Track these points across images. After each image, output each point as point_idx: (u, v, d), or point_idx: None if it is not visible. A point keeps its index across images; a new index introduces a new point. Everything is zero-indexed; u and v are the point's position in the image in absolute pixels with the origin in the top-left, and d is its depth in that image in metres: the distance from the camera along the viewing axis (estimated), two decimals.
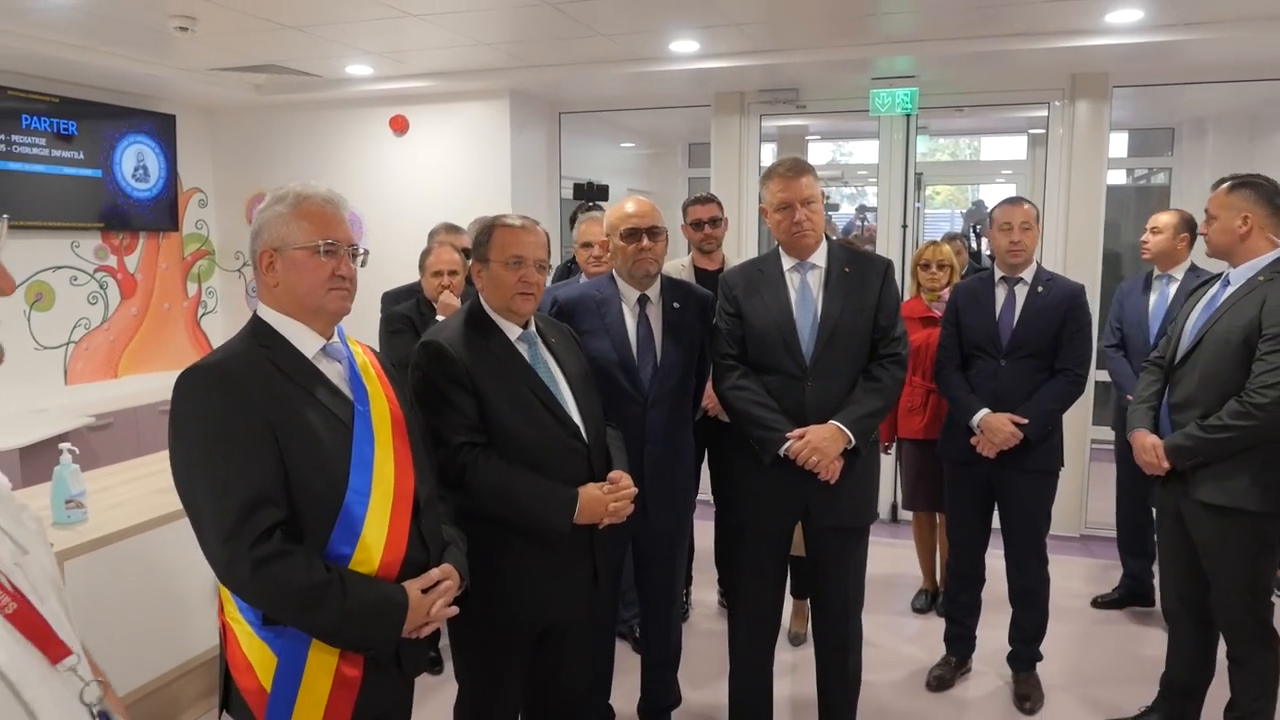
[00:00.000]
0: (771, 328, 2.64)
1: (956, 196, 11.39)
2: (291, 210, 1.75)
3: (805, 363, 2.61)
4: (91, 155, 5.31)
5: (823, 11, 4.06)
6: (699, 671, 3.56)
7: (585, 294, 2.81)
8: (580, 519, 2.20)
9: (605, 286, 2.81)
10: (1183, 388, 2.73)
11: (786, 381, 2.62)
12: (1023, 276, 3.24)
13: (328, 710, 1.68)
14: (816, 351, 2.61)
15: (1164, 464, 2.72)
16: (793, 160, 2.68)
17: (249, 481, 1.59)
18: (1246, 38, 4.21)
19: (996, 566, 3.46)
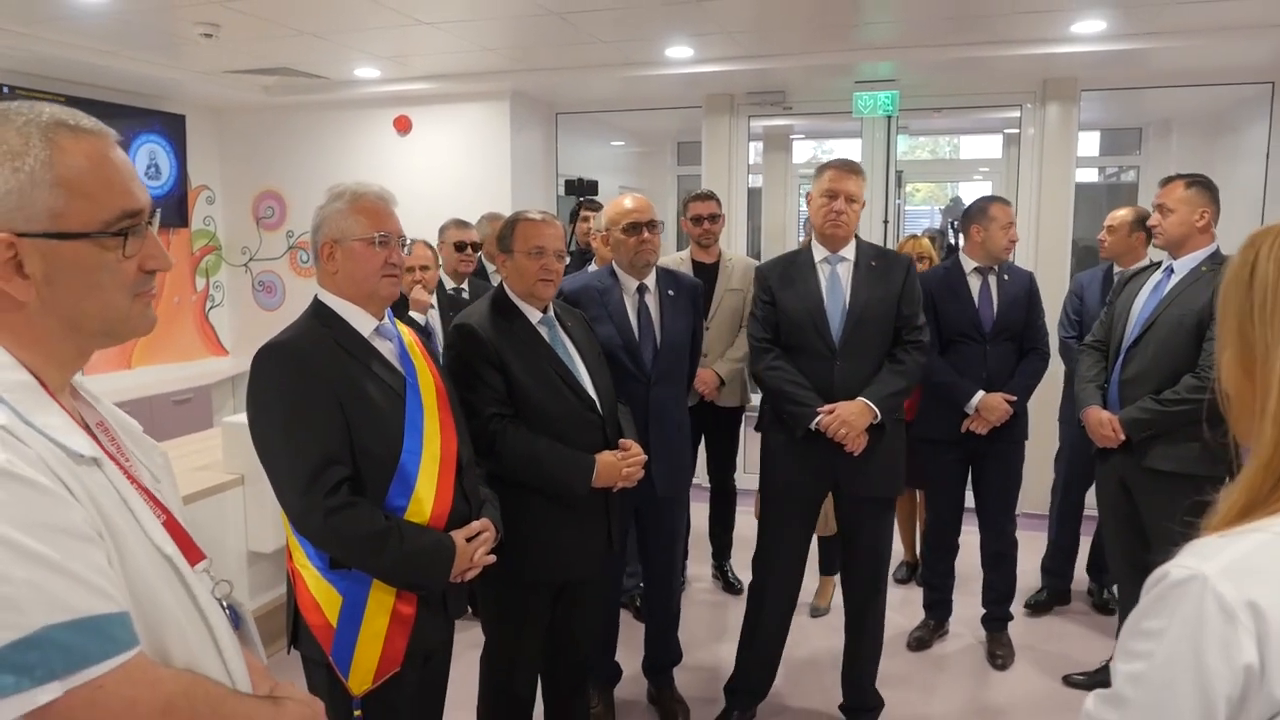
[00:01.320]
0: (804, 313, 2.90)
1: (936, 193, 11.70)
2: (349, 206, 2.00)
3: (834, 345, 2.88)
4: None
5: (809, 20, 4.33)
6: (696, 636, 3.85)
7: (589, 284, 3.07)
8: (597, 482, 2.46)
9: (606, 277, 3.07)
10: (1135, 366, 3.02)
11: (817, 362, 2.88)
12: (993, 267, 3.53)
13: (386, 643, 1.94)
14: (845, 335, 2.88)
15: (1120, 436, 3.00)
16: (849, 160, 2.98)
17: (320, 443, 1.84)
18: (1204, 46, 4.51)
19: (969, 541, 3.77)
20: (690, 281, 3.24)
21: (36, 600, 0.84)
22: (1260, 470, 0.87)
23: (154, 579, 0.99)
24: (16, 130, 0.95)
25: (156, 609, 0.98)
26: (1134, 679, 0.83)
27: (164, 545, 1.02)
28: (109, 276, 1.00)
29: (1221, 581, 0.79)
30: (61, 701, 0.85)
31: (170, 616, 1.00)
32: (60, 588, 0.86)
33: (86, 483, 0.94)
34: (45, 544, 0.86)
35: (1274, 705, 0.76)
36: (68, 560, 0.87)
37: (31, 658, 0.84)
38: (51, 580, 0.85)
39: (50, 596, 0.85)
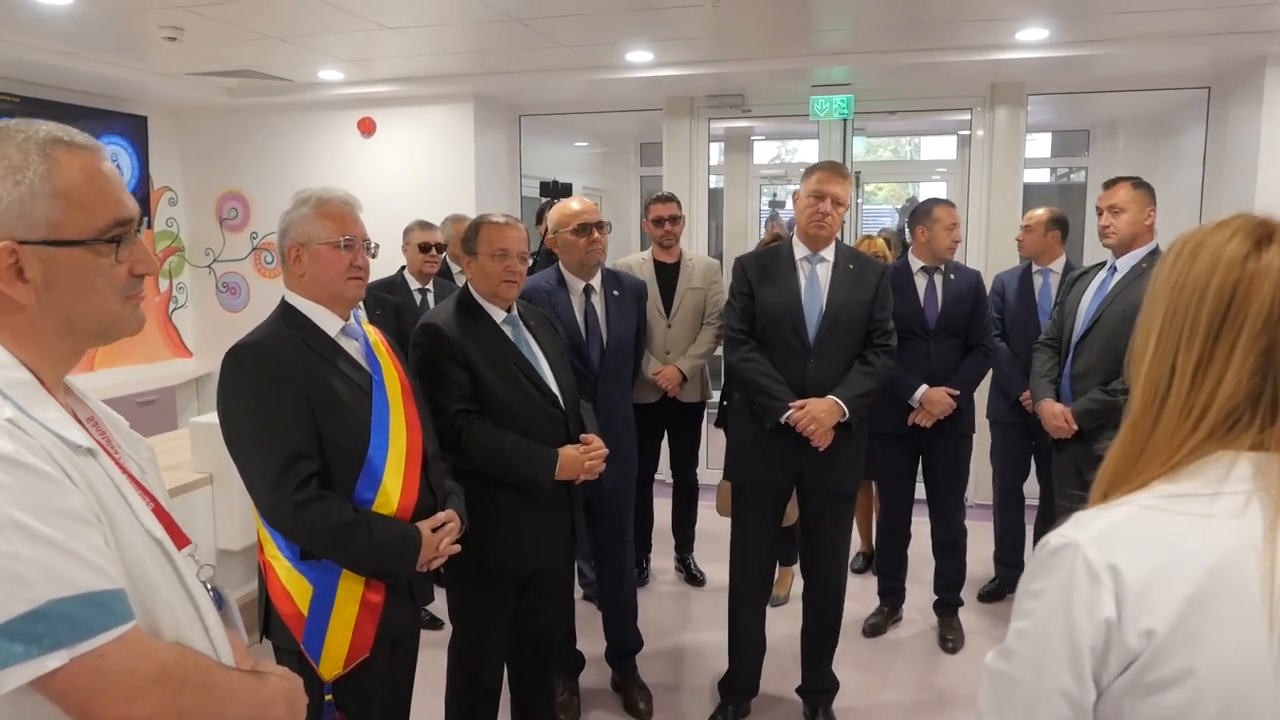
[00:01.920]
0: (782, 310, 2.99)
1: (898, 192, 11.92)
2: (315, 211, 2.07)
3: (809, 343, 2.98)
4: None
5: (765, 27, 4.45)
6: (660, 625, 3.96)
7: (536, 285, 3.16)
8: (560, 475, 2.55)
9: (552, 279, 3.17)
10: (1084, 360, 3.17)
11: (791, 358, 2.98)
12: (940, 267, 3.67)
13: (356, 629, 2.02)
14: (819, 334, 2.98)
15: (1073, 427, 3.15)
16: (837, 164, 3.10)
17: (289, 439, 1.92)
18: (1143, 53, 4.70)
19: (921, 532, 3.91)
20: (635, 282, 3.36)
21: (43, 576, 0.93)
22: (1130, 429, 0.98)
23: (146, 560, 1.07)
24: (16, 146, 1.03)
25: (149, 588, 1.07)
26: (1020, 633, 0.95)
27: (153, 529, 1.11)
28: (103, 280, 1.08)
29: (1090, 548, 0.90)
30: (67, 669, 0.94)
31: (161, 595, 1.09)
32: (64, 565, 0.94)
33: (84, 471, 1.02)
34: (50, 526, 0.94)
35: (1129, 654, 0.87)
36: (70, 541, 0.95)
37: (40, 628, 0.92)
38: (56, 559, 0.94)
39: (56, 573, 0.93)
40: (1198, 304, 0.94)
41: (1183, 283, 0.96)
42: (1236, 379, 0.91)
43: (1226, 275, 0.93)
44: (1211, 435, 0.93)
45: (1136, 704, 0.87)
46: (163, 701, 1.01)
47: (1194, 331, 0.94)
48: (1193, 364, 0.94)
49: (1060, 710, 0.90)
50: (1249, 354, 0.91)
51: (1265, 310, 0.91)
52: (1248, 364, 0.91)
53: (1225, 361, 0.92)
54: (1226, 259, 0.93)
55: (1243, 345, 0.91)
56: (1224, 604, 0.86)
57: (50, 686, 0.94)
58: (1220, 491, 0.90)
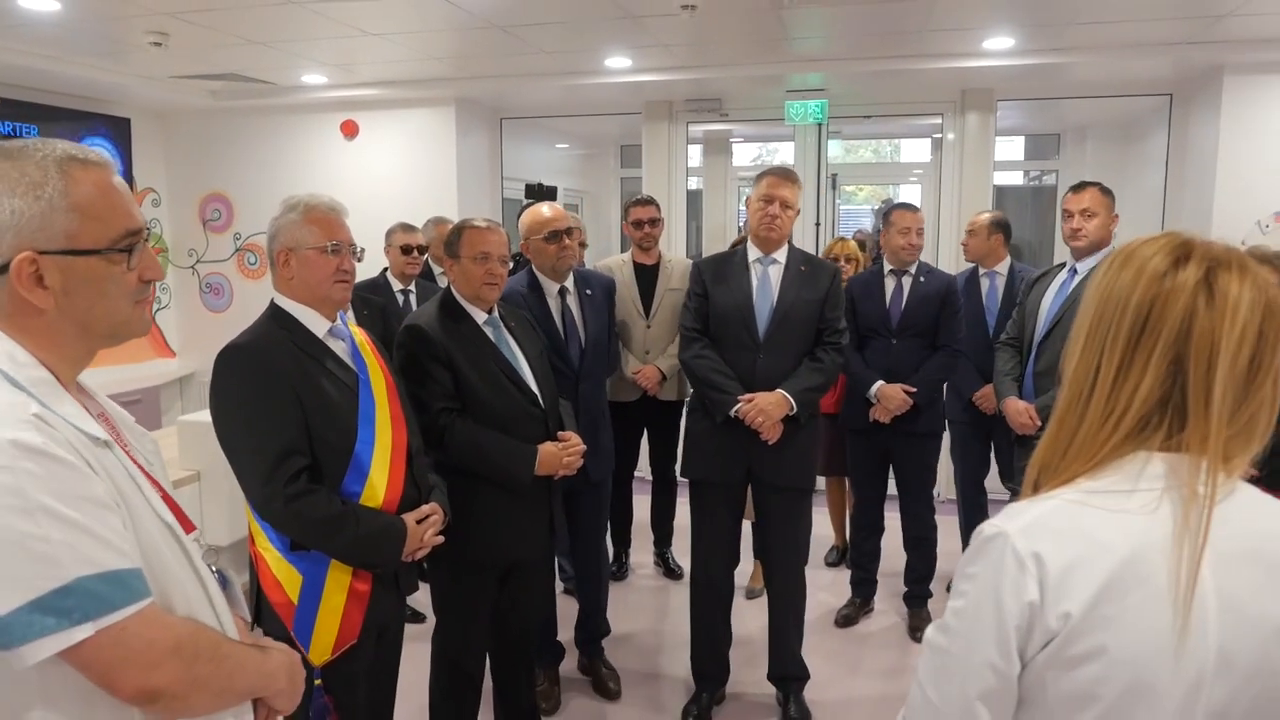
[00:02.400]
0: (733, 308, 3.11)
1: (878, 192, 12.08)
2: (303, 217, 2.17)
3: (759, 339, 3.09)
4: None
5: (742, 35, 4.57)
6: (638, 616, 4.09)
7: (514, 290, 3.24)
8: (540, 471, 2.66)
9: (529, 281, 3.27)
10: (1046, 358, 3.30)
11: (741, 354, 3.10)
12: (908, 270, 3.79)
13: (344, 617, 2.11)
14: (769, 331, 3.10)
15: (1037, 423, 3.28)
16: (788, 169, 3.21)
17: (280, 435, 2.01)
18: (1107, 61, 4.85)
19: (895, 527, 4.04)
20: (604, 280, 3.50)
21: (71, 556, 1.02)
22: (1057, 423, 1.08)
23: (159, 543, 1.17)
24: (36, 164, 1.12)
25: (163, 568, 1.16)
26: (955, 611, 1.06)
27: (164, 515, 1.21)
28: (115, 286, 1.18)
29: (1018, 538, 1.00)
30: (93, 640, 1.03)
31: (173, 575, 1.18)
32: (90, 546, 1.04)
33: (102, 461, 1.12)
34: (76, 511, 1.04)
35: (1049, 633, 0.98)
36: (94, 524, 1.05)
37: (69, 603, 1.02)
38: (82, 540, 1.04)
39: (82, 553, 1.03)
40: (1120, 314, 1.03)
41: (1110, 291, 1.06)
42: (1151, 385, 1.01)
43: (1146, 290, 1.02)
44: (1129, 436, 1.03)
45: (1056, 676, 0.99)
46: (178, 671, 1.11)
47: (1116, 338, 1.03)
48: (1114, 369, 1.03)
49: (988, 680, 1.01)
50: (1162, 363, 1.01)
51: (1176, 325, 1.00)
52: (1160, 372, 1.01)
53: (1142, 369, 1.02)
54: (1148, 274, 1.03)
55: (1157, 355, 1.01)
56: (1134, 591, 0.97)
57: (77, 656, 1.04)
58: (1136, 489, 1.01)
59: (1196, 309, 0.99)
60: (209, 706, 1.19)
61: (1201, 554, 0.97)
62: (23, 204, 1.11)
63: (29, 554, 1.01)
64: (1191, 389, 1.00)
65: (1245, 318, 0.98)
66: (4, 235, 1.10)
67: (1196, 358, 0.99)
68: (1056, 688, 0.99)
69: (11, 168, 1.12)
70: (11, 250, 1.11)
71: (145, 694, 1.09)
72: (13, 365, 1.12)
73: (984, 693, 1.00)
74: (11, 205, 1.10)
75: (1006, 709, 1.01)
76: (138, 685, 1.08)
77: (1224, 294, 0.99)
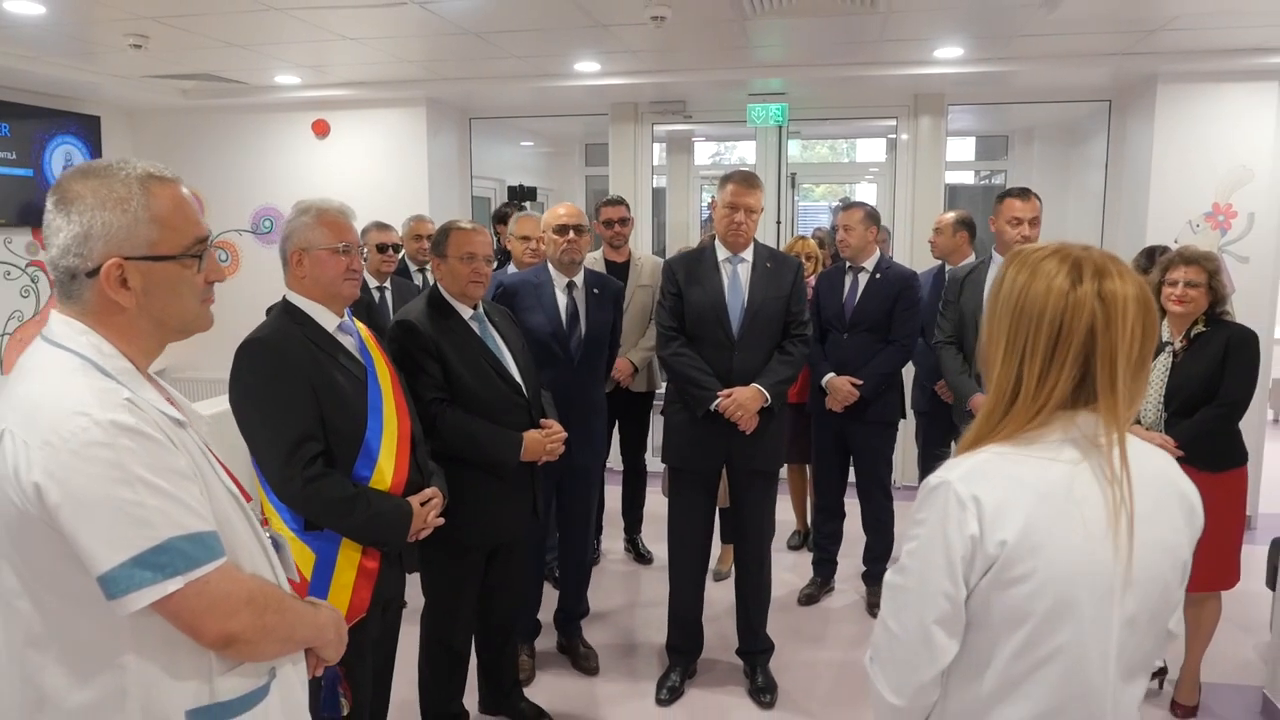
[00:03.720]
0: (708, 307, 3.30)
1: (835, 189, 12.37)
2: (316, 220, 2.33)
3: (734, 336, 3.29)
4: (23, 155, 5.58)
5: (706, 42, 4.77)
6: (610, 598, 4.30)
7: (525, 279, 3.49)
8: (525, 457, 2.85)
9: (541, 274, 3.48)
10: None
11: (718, 351, 3.29)
12: (865, 265, 4.03)
13: (354, 592, 2.28)
14: (742, 328, 3.30)
15: None
16: (750, 174, 3.40)
17: (297, 423, 2.18)
18: (1050, 69, 5.15)
19: (855, 511, 4.28)
20: (616, 285, 3.70)
21: (163, 519, 1.20)
22: (984, 420, 1.31)
23: (229, 510, 1.35)
24: (121, 181, 1.29)
25: (232, 532, 1.34)
26: (909, 552, 1.28)
27: (230, 486, 1.38)
28: (187, 288, 1.35)
29: (958, 484, 1.23)
30: (181, 591, 1.21)
31: (240, 538, 1.36)
32: (178, 511, 1.21)
33: (180, 438, 1.29)
34: (165, 481, 1.21)
35: (989, 560, 1.21)
36: (179, 492, 1.22)
37: (163, 559, 1.20)
38: (172, 506, 1.21)
39: (172, 517, 1.21)
40: (1036, 327, 1.24)
41: (1023, 304, 1.26)
42: (1068, 380, 1.23)
43: (1056, 306, 1.23)
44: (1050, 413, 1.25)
45: (997, 597, 1.21)
46: (251, 620, 1.29)
47: (1035, 349, 1.24)
48: (1036, 374, 1.24)
49: (941, 607, 1.23)
50: (1075, 364, 1.23)
51: (1084, 331, 1.22)
52: (1074, 370, 1.23)
53: (1059, 370, 1.23)
54: (1056, 290, 1.23)
55: (1070, 358, 1.23)
56: (1055, 522, 1.20)
57: (168, 606, 1.21)
58: (1060, 442, 1.24)
59: (1097, 316, 1.21)
60: (274, 652, 1.38)
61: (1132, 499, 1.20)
62: (112, 216, 1.27)
63: (129, 518, 1.18)
64: (1100, 379, 1.22)
65: (1133, 315, 1.22)
66: (95, 243, 1.27)
67: (1103, 356, 1.22)
68: (999, 607, 1.21)
69: (100, 185, 1.28)
70: (101, 256, 1.27)
71: (224, 638, 1.27)
72: (100, 356, 1.28)
73: (939, 617, 1.23)
74: (103, 218, 1.27)
75: (957, 631, 1.24)
76: (218, 631, 1.26)
77: (1114, 297, 1.21)
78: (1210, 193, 5.13)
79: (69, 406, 1.19)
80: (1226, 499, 3.15)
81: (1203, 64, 4.96)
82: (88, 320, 1.30)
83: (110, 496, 1.17)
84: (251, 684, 1.35)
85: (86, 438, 1.17)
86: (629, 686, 3.55)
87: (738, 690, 3.52)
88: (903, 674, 1.28)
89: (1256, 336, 3.20)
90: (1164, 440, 3.07)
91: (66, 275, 1.29)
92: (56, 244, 1.28)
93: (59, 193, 1.29)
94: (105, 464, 1.17)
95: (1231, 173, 5.10)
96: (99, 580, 1.18)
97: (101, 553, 1.17)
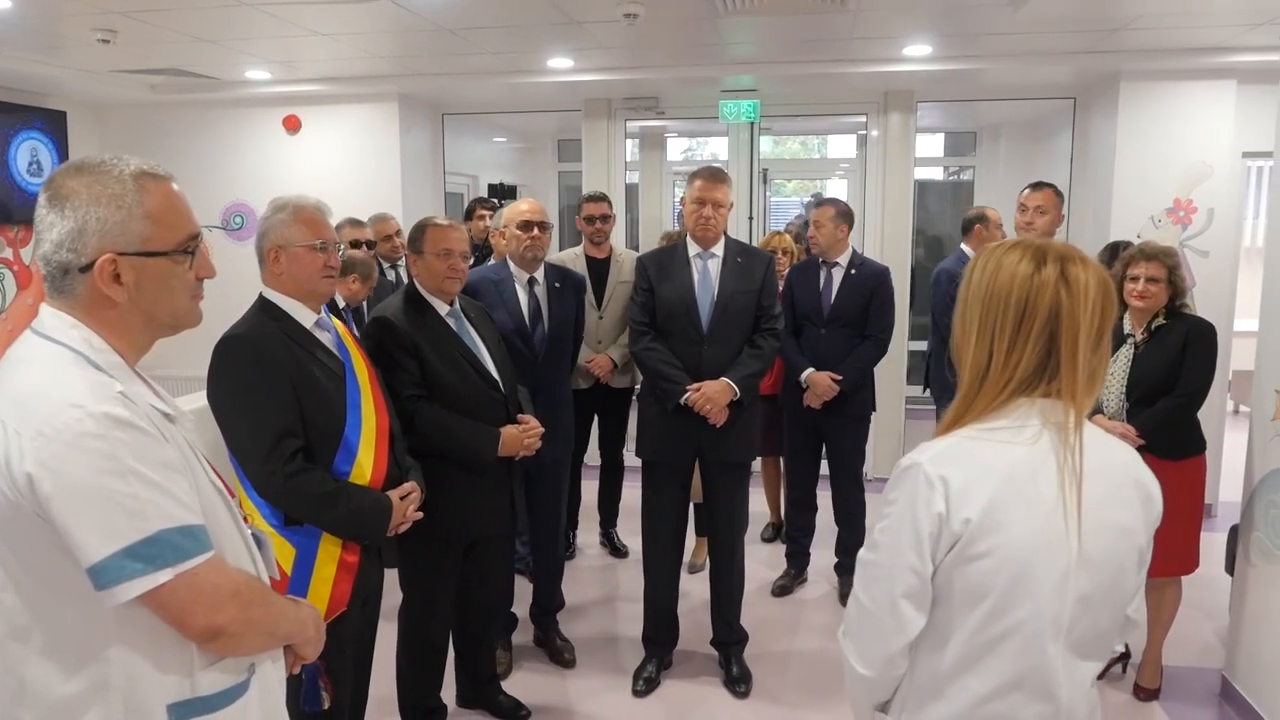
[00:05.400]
0: (678, 303, 3.34)
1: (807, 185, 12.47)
2: (293, 217, 2.34)
3: (703, 331, 3.33)
4: None
5: (679, 40, 4.81)
6: (586, 591, 4.35)
7: (485, 276, 3.49)
8: (502, 451, 2.88)
9: (501, 270, 3.49)
10: None
11: (687, 345, 3.33)
12: (839, 261, 4.09)
13: (334, 586, 2.30)
14: (712, 323, 3.34)
15: None
16: (717, 169, 3.44)
17: (277, 419, 2.19)
18: (1015, 67, 5.24)
19: (827, 504, 4.34)
20: (577, 277, 3.70)
21: (155, 512, 1.22)
22: (960, 400, 1.37)
23: (216, 504, 1.37)
24: (115, 178, 1.30)
25: (218, 527, 1.35)
26: (881, 530, 1.33)
27: (215, 481, 1.39)
28: (178, 283, 1.36)
29: (928, 465, 1.29)
30: (171, 583, 1.23)
31: (226, 533, 1.38)
32: (168, 504, 1.23)
33: (170, 432, 1.31)
34: (157, 473, 1.23)
35: (954, 536, 1.27)
36: (170, 485, 1.24)
37: (153, 551, 1.21)
38: (163, 499, 1.23)
39: (163, 509, 1.22)
40: (1004, 310, 1.32)
41: (991, 292, 1.34)
42: (1032, 357, 1.31)
43: (1021, 288, 1.31)
44: (1016, 391, 1.33)
45: (961, 572, 1.28)
46: (238, 612, 1.31)
47: (1004, 329, 1.32)
48: (1004, 351, 1.32)
49: (910, 581, 1.29)
50: (1040, 340, 1.30)
51: (1047, 311, 1.30)
52: (1039, 347, 1.31)
53: (1024, 346, 1.31)
54: (1020, 276, 1.31)
55: (1034, 335, 1.30)
56: (1015, 502, 1.27)
57: (157, 598, 1.23)
58: (1025, 426, 1.30)
59: (1060, 296, 1.29)
60: (257, 646, 1.40)
61: (1081, 473, 1.26)
62: (106, 212, 1.29)
63: (121, 509, 1.20)
64: (1063, 355, 1.30)
65: (1094, 298, 1.29)
66: (89, 239, 1.28)
67: (1066, 334, 1.29)
68: (962, 582, 1.27)
69: (94, 181, 1.30)
70: (95, 251, 1.28)
71: (210, 631, 1.29)
72: (91, 350, 1.29)
73: (907, 591, 1.29)
74: (97, 214, 1.28)
75: (925, 604, 1.30)
76: (205, 623, 1.28)
77: (1077, 281, 1.29)
78: (1172, 188, 5.24)
79: (63, 398, 1.21)
80: (1186, 486, 3.24)
81: (1163, 62, 5.06)
82: (78, 314, 1.31)
83: (103, 488, 1.19)
84: (232, 679, 1.37)
85: (80, 429, 1.19)
86: (606, 679, 3.59)
87: (713, 681, 3.57)
88: (872, 645, 1.34)
89: (1214, 328, 3.29)
90: (1126, 429, 3.16)
91: (59, 270, 1.30)
92: (50, 239, 1.29)
93: (52, 189, 1.30)
94: (98, 455, 1.19)
95: (1191, 169, 5.22)
96: (89, 571, 1.19)
97: (92, 543, 1.19)
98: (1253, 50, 4.83)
